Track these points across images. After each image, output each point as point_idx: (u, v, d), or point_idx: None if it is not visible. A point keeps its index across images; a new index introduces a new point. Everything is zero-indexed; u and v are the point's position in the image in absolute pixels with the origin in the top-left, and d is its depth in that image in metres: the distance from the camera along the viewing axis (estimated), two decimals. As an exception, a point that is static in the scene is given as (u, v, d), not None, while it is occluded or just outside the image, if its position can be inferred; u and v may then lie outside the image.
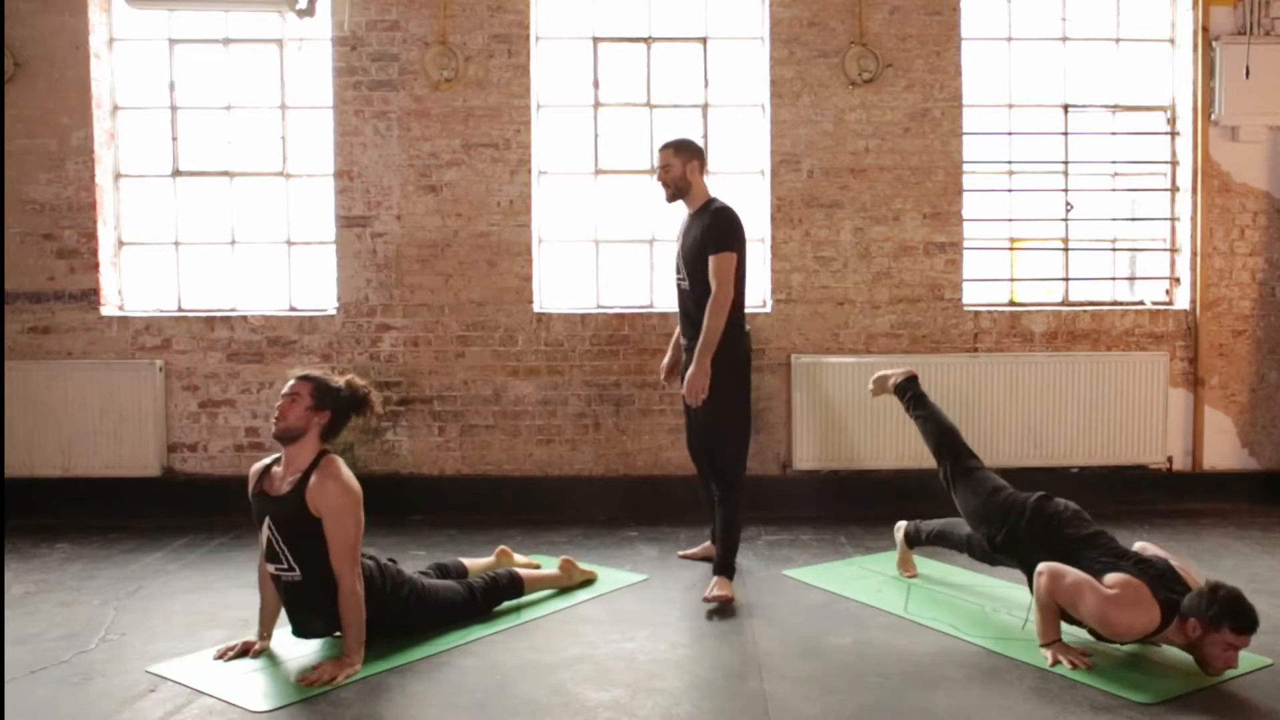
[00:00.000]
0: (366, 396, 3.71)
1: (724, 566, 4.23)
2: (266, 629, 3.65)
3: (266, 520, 3.52)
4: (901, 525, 4.53)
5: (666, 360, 4.84)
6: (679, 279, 4.39)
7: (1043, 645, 3.48)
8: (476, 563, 4.28)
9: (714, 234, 4.20)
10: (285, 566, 3.48)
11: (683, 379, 4.31)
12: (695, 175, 4.36)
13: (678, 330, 4.60)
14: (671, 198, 4.41)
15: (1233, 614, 3.16)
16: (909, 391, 4.40)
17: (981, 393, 5.56)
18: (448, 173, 5.57)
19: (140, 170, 5.76)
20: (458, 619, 3.87)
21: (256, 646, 3.59)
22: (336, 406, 3.63)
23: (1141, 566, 3.41)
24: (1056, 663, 3.39)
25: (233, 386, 5.61)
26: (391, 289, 5.60)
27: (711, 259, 4.18)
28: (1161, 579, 3.35)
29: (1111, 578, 3.36)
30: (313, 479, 3.50)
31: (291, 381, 3.66)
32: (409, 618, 3.73)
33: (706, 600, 4.11)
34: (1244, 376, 5.76)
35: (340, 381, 3.69)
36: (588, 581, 4.36)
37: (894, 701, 3.17)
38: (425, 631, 3.76)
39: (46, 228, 5.59)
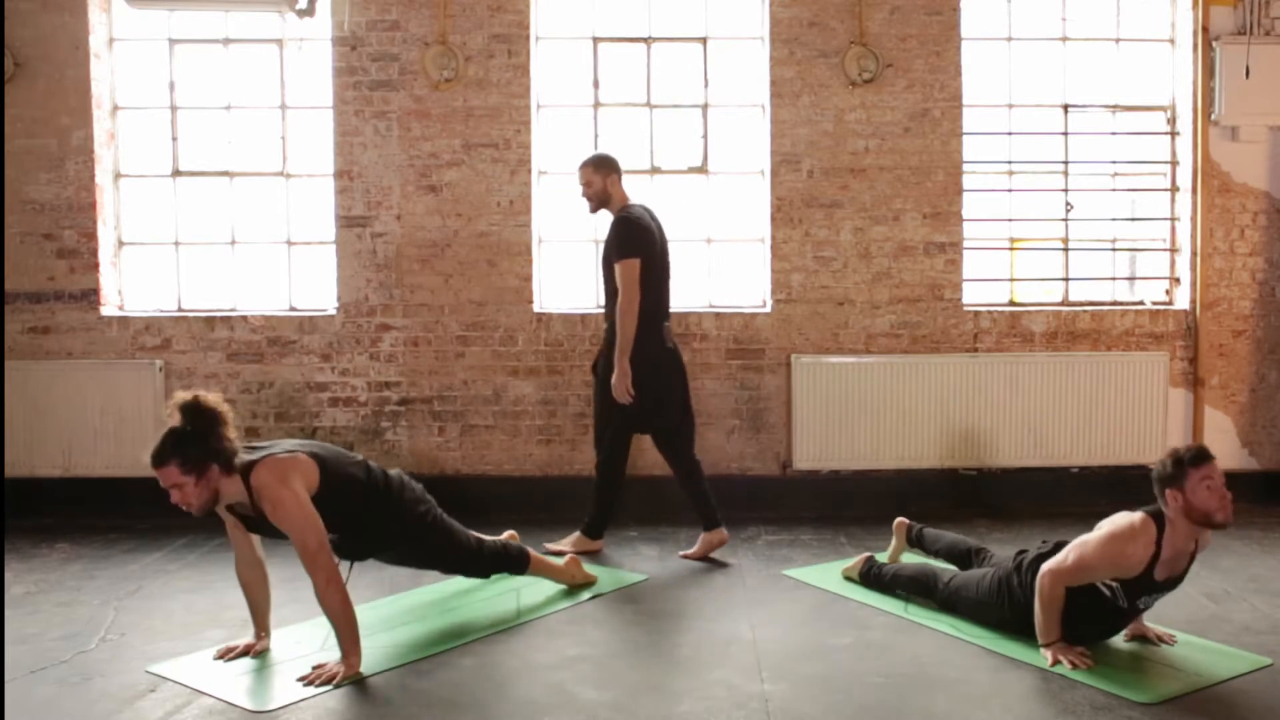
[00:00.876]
0: (212, 411, 3.31)
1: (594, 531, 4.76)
2: (262, 627, 3.64)
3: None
4: (904, 521, 4.49)
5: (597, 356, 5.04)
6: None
7: (1043, 645, 3.48)
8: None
9: (615, 242, 4.59)
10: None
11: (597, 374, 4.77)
12: (615, 187, 4.74)
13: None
14: (595, 210, 4.80)
15: (1182, 458, 3.29)
16: (871, 569, 4.27)
17: (981, 393, 5.56)
18: (448, 173, 5.57)
19: (140, 170, 5.76)
20: (461, 564, 3.94)
21: (257, 647, 3.59)
22: (207, 449, 3.27)
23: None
24: (1056, 662, 3.39)
25: (233, 386, 5.61)
26: (391, 289, 5.60)
27: (616, 266, 4.57)
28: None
29: (1099, 528, 3.41)
30: (263, 506, 3.35)
31: (158, 479, 3.31)
32: (423, 537, 3.74)
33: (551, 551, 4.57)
34: (1244, 376, 5.76)
35: (177, 419, 3.29)
36: (588, 584, 4.36)
37: (894, 701, 3.17)
38: (428, 562, 3.89)
39: (46, 228, 5.59)
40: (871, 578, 4.25)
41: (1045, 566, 3.46)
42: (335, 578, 3.37)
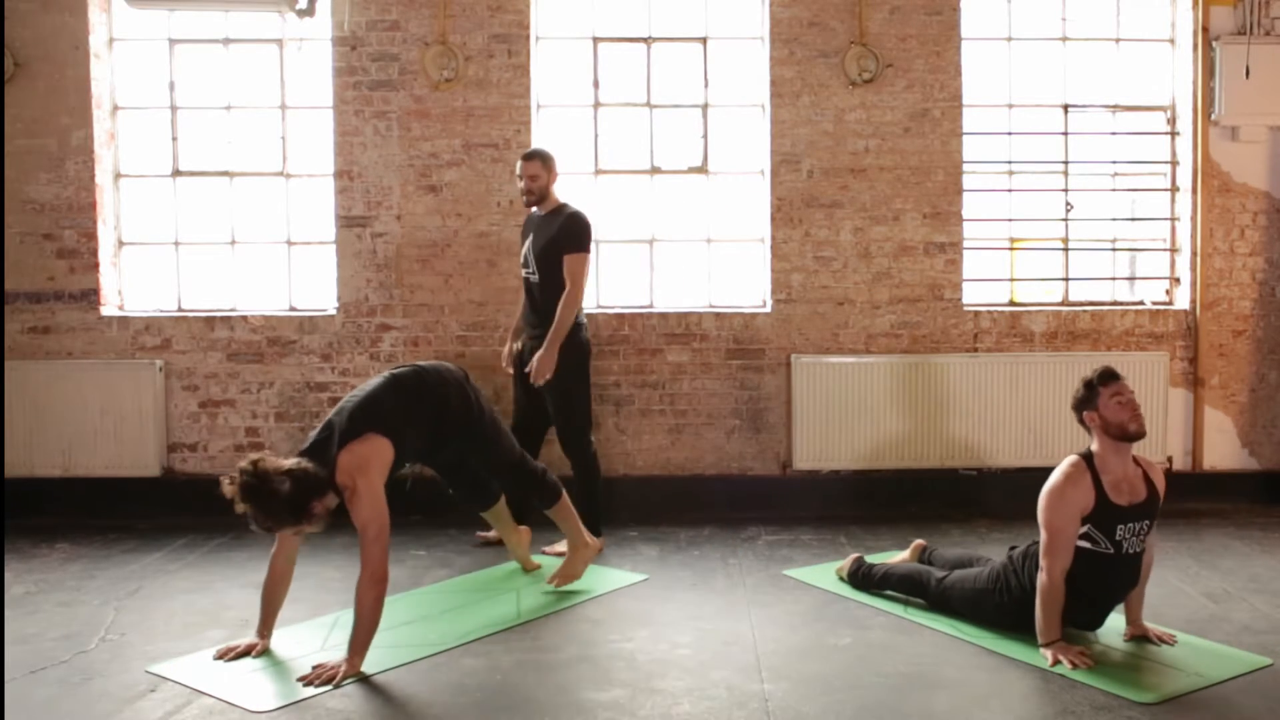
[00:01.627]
0: (264, 472, 3.30)
1: (592, 527, 4.62)
2: (268, 627, 3.65)
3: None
4: (921, 543, 4.41)
5: (507, 349, 5.13)
6: (528, 273, 4.90)
7: (1043, 645, 3.48)
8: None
9: (567, 237, 4.77)
10: None
11: (524, 363, 4.88)
12: (553, 184, 4.93)
13: (517, 320, 5.09)
14: (533, 203, 4.92)
15: (1091, 380, 3.54)
16: (859, 569, 4.27)
17: (981, 393, 5.56)
18: (448, 173, 5.57)
19: (140, 170, 5.76)
20: (502, 466, 4.15)
21: (258, 647, 3.59)
22: (304, 495, 3.35)
23: None
24: (1057, 662, 3.39)
25: (233, 386, 5.61)
26: (391, 289, 5.60)
27: (567, 259, 4.76)
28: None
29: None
30: (347, 504, 3.52)
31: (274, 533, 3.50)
32: (484, 427, 4.01)
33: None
34: (1244, 376, 5.76)
35: (260, 486, 3.29)
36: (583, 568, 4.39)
37: (894, 701, 3.17)
38: (475, 452, 4.10)
39: (46, 228, 5.59)
40: (860, 578, 4.24)
41: (1042, 565, 3.47)
42: (382, 578, 3.46)
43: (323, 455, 3.49)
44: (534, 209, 4.96)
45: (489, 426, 4.07)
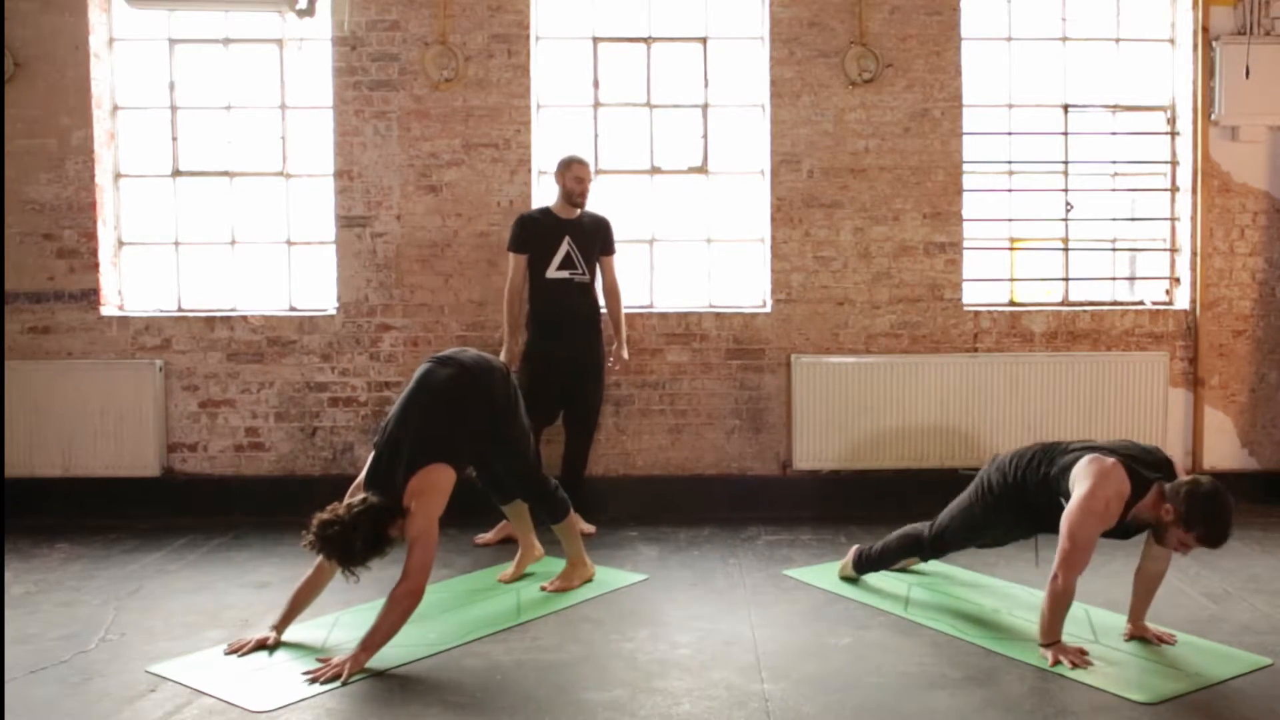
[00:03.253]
0: (345, 519, 3.39)
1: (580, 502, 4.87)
2: (284, 625, 3.65)
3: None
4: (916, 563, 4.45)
5: (515, 349, 5.13)
6: (573, 274, 5.09)
7: (1043, 645, 3.48)
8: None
9: (612, 239, 5.22)
10: None
11: (572, 364, 5.10)
12: None
13: (531, 319, 5.15)
14: (582, 204, 5.13)
15: (1207, 524, 3.25)
16: (862, 556, 4.33)
17: (981, 393, 5.56)
18: (448, 173, 5.57)
19: (140, 170, 5.76)
20: (520, 473, 4.15)
21: (271, 639, 3.60)
22: (378, 532, 3.45)
23: (1113, 448, 3.50)
24: (1057, 663, 3.39)
25: (233, 386, 5.61)
26: (391, 289, 5.60)
27: (611, 260, 5.24)
28: (1134, 459, 3.44)
29: (1080, 463, 3.46)
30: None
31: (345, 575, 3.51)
32: (516, 429, 3.99)
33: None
34: (1244, 376, 5.76)
35: (338, 535, 3.39)
36: (587, 579, 4.39)
37: (894, 701, 3.17)
38: (501, 456, 4.04)
39: (46, 228, 5.59)
40: (865, 562, 4.29)
41: (1056, 566, 3.42)
42: (419, 592, 3.51)
43: (389, 483, 3.55)
44: (550, 214, 5.13)
45: (520, 429, 4.06)
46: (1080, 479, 3.44)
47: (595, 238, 5.15)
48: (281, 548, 4.93)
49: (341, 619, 3.91)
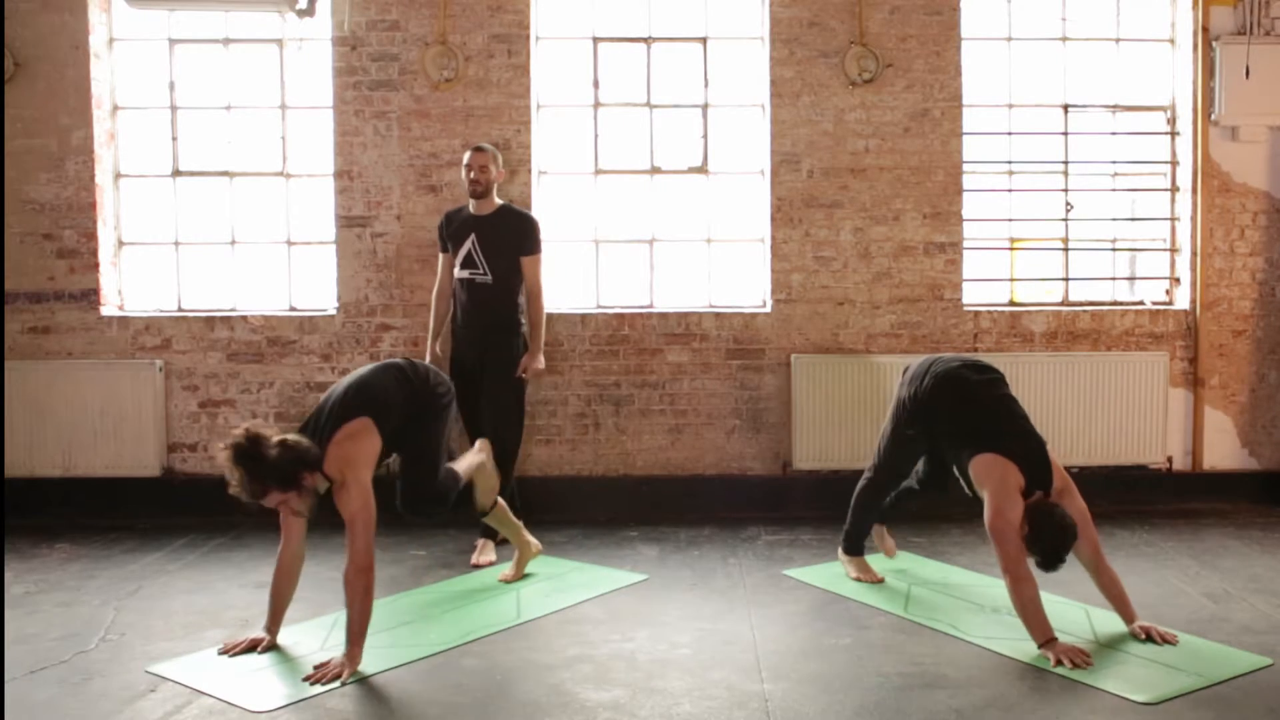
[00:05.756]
0: (259, 438, 3.39)
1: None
2: (275, 624, 3.65)
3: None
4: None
5: (432, 352, 5.03)
6: (474, 273, 4.85)
7: (1041, 646, 3.48)
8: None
9: (529, 236, 4.89)
10: None
11: (467, 366, 4.87)
12: (499, 180, 4.98)
13: (441, 321, 5.04)
14: (480, 194, 4.87)
15: (1043, 552, 3.51)
16: (853, 542, 4.48)
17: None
18: (448, 173, 5.56)
19: (140, 170, 5.76)
20: (413, 473, 3.98)
21: (265, 642, 3.60)
22: (293, 466, 3.42)
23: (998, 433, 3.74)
24: (1059, 663, 3.39)
25: (233, 386, 5.61)
26: (391, 289, 5.60)
27: (530, 260, 4.90)
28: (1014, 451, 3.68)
29: (976, 464, 3.68)
30: (335, 494, 3.58)
31: (260, 498, 3.45)
32: (430, 439, 3.92)
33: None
34: (1244, 376, 5.75)
35: (254, 450, 3.37)
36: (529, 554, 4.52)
37: (894, 701, 3.17)
38: (415, 449, 3.92)
39: (46, 228, 5.59)
40: (850, 540, 4.46)
41: (1002, 567, 3.56)
42: (368, 567, 3.46)
43: (315, 435, 3.56)
44: (464, 209, 4.96)
45: (433, 437, 3.94)
46: (983, 482, 3.66)
47: (508, 236, 4.85)
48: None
49: (341, 619, 3.89)
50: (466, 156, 4.91)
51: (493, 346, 4.84)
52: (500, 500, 4.37)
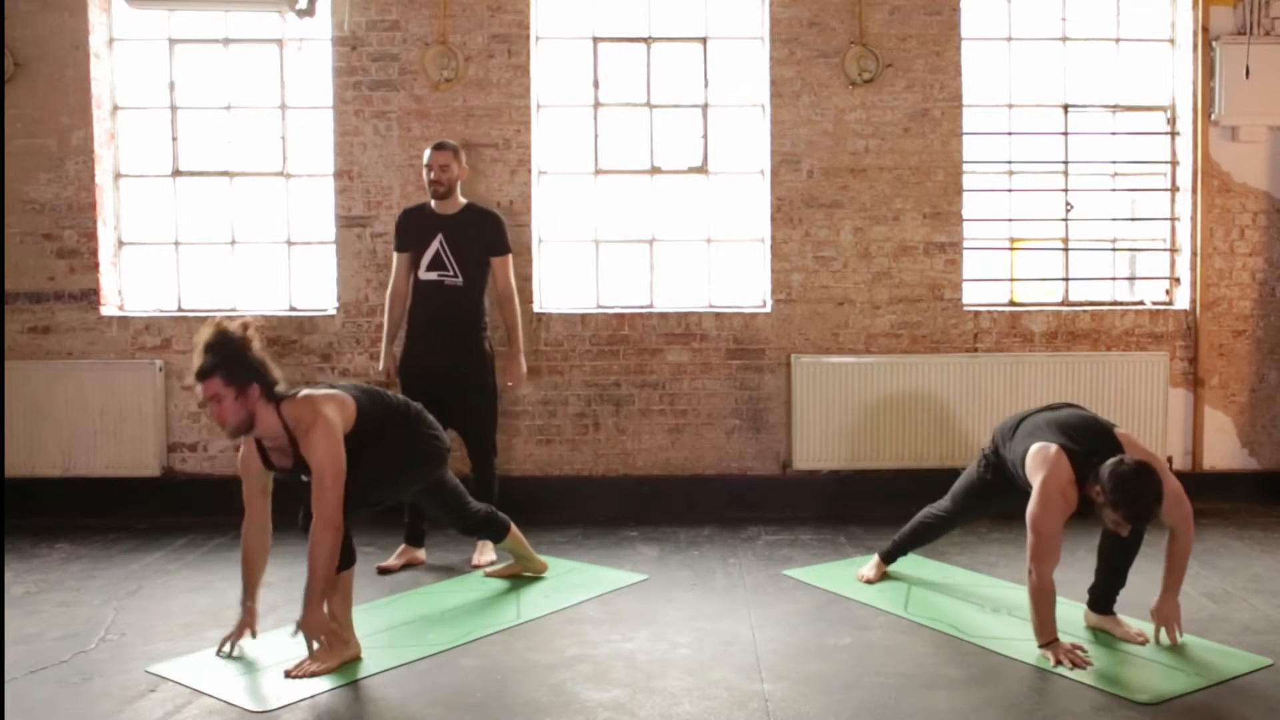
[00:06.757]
0: (226, 333, 3.39)
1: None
2: (251, 597, 3.61)
3: (302, 477, 3.46)
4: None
5: (389, 358, 4.94)
6: (442, 275, 4.70)
7: (1041, 646, 3.48)
8: None
9: (502, 238, 4.80)
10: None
11: (425, 373, 4.69)
12: (462, 178, 4.87)
13: (398, 326, 4.88)
14: (443, 194, 4.76)
15: (1129, 503, 3.34)
16: (892, 554, 4.43)
17: (981, 393, 5.56)
18: (448, 173, 5.56)
19: (140, 170, 5.76)
20: (457, 501, 4.07)
21: (249, 619, 3.58)
22: (250, 367, 3.38)
23: (1060, 424, 3.65)
24: (1059, 663, 3.39)
25: (233, 386, 5.60)
26: (391, 289, 5.60)
27: (500, 260, 4.79)
28: (1073, 439, 3.57)
29: (1030, 454, 3.60)
30: (300, 442, 3.40)
31: (198, 386, 3.38)
32: (434, 468, 3.84)
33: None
34: (1244, 376, 5.76)
35: (211, 346, 3.35)
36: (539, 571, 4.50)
37: (894, 701, 3.17)
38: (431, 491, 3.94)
39: (46, 228, 5.59)
40: (892, 551, 4.42)
41: (1029, 562, 3.50)
42: (337, 526, 3.33)
43: (288, 391, 3.51)
44: (425, 206, 4.83)
45: (382, 456, 3.66)
46: (1033, 471, 3.58)
47: (476, 236, 4.72)
48: (281, 548, 4.89)
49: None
50: (426, 155, 4.81)
51: (465, 351, 4.69)
52: (513, 527, 4.33)
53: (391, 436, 3.66)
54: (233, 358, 3.35)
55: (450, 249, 4.69)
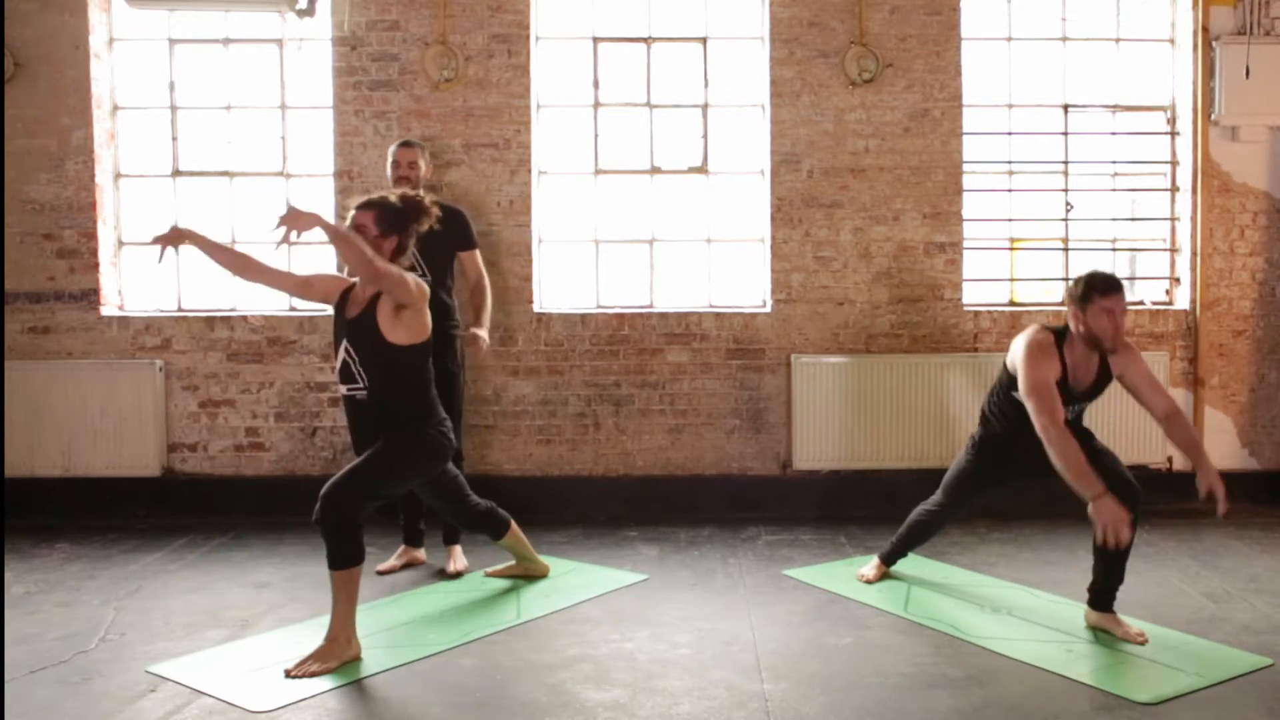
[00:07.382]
0: (420, 203, 3.87)
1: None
2: (202, 240, 4.03)
3: (344, 343, 3.84)
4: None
5: None
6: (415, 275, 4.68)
7: (1093, 499, 3.38)
8: None
9: (470, 232, 4.83)
10: (359, 386, 3.80)
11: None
12: (429, 175, 4.97)
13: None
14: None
15: (1094, 283, 3.58)
16: (892, 555, 4.42)
17: (981, 393, 5.55)
18: (448, 173, 5.56)
19: (140, 170, 5.76)
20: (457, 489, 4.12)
21: (177, 230, 3.91)
22: (401, 227, 3.81)
23: None
24: (1103, 528, 3.33)
25: (233, 386, 5.61)
26: (391, 289, 5.59)
27: (469, 255, 4.84)
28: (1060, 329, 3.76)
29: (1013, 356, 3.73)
30: (381, 300, 3.71)
31: (353, 213, 3.79)
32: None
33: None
34: (1244, 376, 5.76)
35: (394, 199, 3.84)
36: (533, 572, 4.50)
37: (894, 701, 3.17)
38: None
39: (46, 228, 5.59)
40: (891, 552, 4.41)
41: (1034, 420, 3.53)
42: (377, 265, 3.65)
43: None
44: None
45: (393, 463, 3.78)
46: (1015, 352, 3.72)
47: (444, 234, 4.55)
48: (282, 548, 4.93)
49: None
50: (392, 152, 4.81)
51: (444, 349, 4.63)
52: (514, 525, 4.34)
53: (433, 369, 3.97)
54: (400, 217, 3.78)
55: (419, 248, 4.51)
